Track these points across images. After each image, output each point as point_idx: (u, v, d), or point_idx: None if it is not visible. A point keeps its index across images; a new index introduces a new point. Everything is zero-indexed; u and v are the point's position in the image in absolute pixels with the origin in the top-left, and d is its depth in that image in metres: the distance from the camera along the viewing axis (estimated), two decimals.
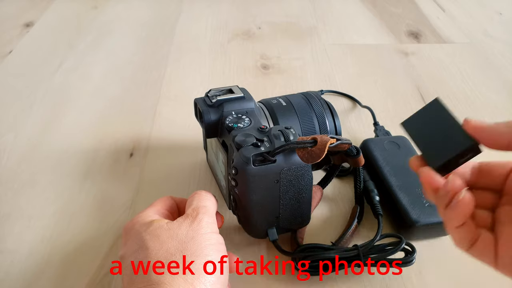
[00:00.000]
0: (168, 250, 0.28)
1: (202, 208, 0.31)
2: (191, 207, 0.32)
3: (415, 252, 0.34)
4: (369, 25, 0.76)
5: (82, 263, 0.37)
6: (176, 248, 0.28)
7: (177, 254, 0.27)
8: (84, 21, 0.77)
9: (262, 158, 0.31)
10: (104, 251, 0.38)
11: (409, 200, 0.37)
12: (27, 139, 0.51)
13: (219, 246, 0.30)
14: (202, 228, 0.29)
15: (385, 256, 0.33)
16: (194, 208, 0.31)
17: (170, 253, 0.27)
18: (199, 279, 0.27)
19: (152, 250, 0.28)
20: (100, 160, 0.47)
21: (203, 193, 0.33)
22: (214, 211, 0.33)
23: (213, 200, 0.34)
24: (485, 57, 0.66)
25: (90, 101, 0.57)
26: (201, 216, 0.30)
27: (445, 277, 0.35)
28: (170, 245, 0.28)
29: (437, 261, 0.37)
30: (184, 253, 0.27)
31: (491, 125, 0.24)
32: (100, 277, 0.36)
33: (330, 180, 0.40)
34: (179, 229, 0.29)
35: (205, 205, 0.32)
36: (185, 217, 0.31)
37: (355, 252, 0.33)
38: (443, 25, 0.76)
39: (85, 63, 0.65)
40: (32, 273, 0.36)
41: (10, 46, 0.69)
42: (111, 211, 0.41)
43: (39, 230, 0.40)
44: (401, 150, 0.43)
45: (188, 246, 0.28)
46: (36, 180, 0.45)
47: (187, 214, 0.31)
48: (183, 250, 0.28)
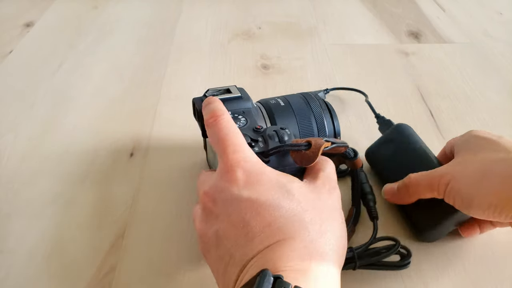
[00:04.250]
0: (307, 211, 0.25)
1: (334, 181, 0.30)
2: (325, 173, 0.30)
3: (410, 255, 0.34)
4: (369, 25, 0.76)
5: (82, 263, 0.37)
6: (314, 215, 0.25)
7: (314, 218, 0.25)
8: (84, 21, 0.77)
9: None
10: (104, 251, 0.38)
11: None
12: (27, 139, 0.51)
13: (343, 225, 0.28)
14: (338, 203, 0.28)
15: (380, 259, 0.33)
16: (330, 177, 0.30)
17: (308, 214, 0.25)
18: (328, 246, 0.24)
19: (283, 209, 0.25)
20: (100, 160, 0.47)
21: (330, 162, 0.31)
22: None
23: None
24: (485, 57, 0.66)
25: (90, 101, 0.57)
26: (338, 189, 0.29)
27: (445, 277, 0.35)
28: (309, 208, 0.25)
29: (437, 261, 0.37)
30: (320, 223, 0.25)
31: (386, 189, 0.38)
32: (100, 277, 0.36)
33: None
34: (320, 195, 0.27)
35: (335, 178, 0.30)
36: (322, 184, 0.28)
37: (350, 255, 0.33)
38: (443, 25, 0.75)
39: (85, 63, 0.65)
40: (32, 273, 0.36)
41: (10, 46, 0.69)
42: (111, 211, 0.41)
43: (39, 230, 0.40)
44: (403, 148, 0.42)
45: (324, 216, 0.25)
46: (36, 180, 0.45)
47: (324, 182, 0.29)
48: (320, 217, 0.25)
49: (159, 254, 0.37)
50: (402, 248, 0.34)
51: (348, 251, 0.32)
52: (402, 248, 0.34)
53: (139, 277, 0.36)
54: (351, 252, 0.33)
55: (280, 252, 0.22)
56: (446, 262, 0.36)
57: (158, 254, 0.37)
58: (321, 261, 0.23)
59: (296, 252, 0.22)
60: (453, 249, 0.37)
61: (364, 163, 0.43)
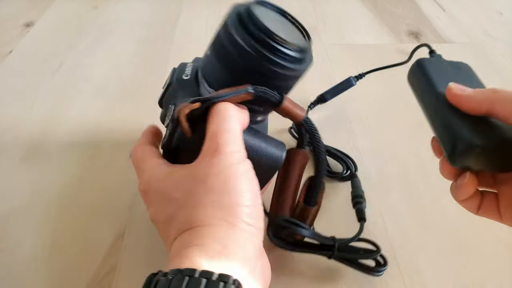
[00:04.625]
0: (196, 198, 0.25)
1: (223, 135, 0.26)
2: (209, 134, 0.26)
3: (386, 265, 0.34)
4: (369, 25, 0.76)
5: (82, 263, 0.37)
6: (203, 193, 0.24)
7: (204, 199, 0.24)
8: (84, 21, 0.77)
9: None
10: (104, 251, 0.38)
11: (464, 123, 0.28)
12: (27, 139, 0.51)
13: (247, 175, 0.26)
14: (223, 164, 0.25)
15: (357, 258, 0.34)
16: (213, 136, 0.26)
17: (198, 200, 0.24)
18: (238, 217, 0.24)
19: (179, 203, 0.25)
20: (100, 159, 0.47)
21: (221, 108, 0.27)
22: (239, 128, 0.27)
23: (235, 111, 0.27)
24: (485, 57, 0.66)
25: (90, 101, 0.57)
26: (221, 147, 0.25)
27: (445, 277, 0.35)
28: (196, 192, 0.25)
29: (438, 261, 0.37)
30: (213, 198, 0.24)
31: (469, 93, 0.27)
32: (100, 277, 0.36)
33: (303, 138, 0.35)
34: (198, 170, 0.25)
35: (227, 128, 0.26)
36: (203, 155, 0.26)
37: (330, 242, 0.33)
38: (444, 25, 0.75)
39: (85, 63, 0.65)
40: (33, 273, 0.36)
41: (10, 46, 0.69)
42: (111, 211, 0.41)
43: (39, 230, 0.40)
44: (462, 75, 0.34)
45: (215, 188, 0.24)
46: (36, 180, 0.45)
47: (205, 149, 0.26)
48: (210, 194, 0.24)
49: (159, 254, 0.37)
50: (381, 256, 0.34)
51: (330, 239, 0.33)
52: (380, 257, 0.34)
53: (139, 277, 0.36)
54: (333, 241, 0.33)
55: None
56: (448, 260, 0.36)
57: (158, 254, 0.37)
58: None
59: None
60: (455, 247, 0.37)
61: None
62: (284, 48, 0.28)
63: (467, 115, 0.27)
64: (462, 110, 0.27)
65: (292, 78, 0.31)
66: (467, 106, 0.27)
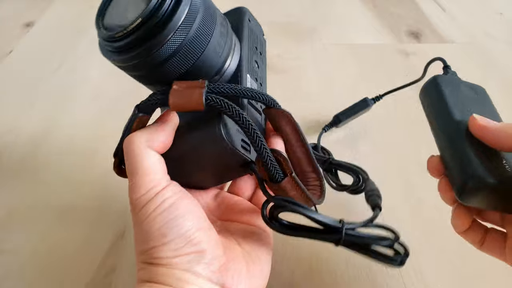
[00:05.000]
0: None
1: (130, 181, 0.25)
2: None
3: (407, 255, 0.28)
4: (370, 25, 0.76)
5: (82, 263, 0.37)
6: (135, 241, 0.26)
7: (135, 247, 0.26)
8: (84, 21, 0.77)
9: None
10: (104, 251, 0.38)
11: (477, 155, 0.27)
12: (27, 139, 0.51)
13: (159, 210, 0.24)
14: (134, 213, 0.25)
15: (370, 243, 0.28)
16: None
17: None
18: (157, 257, 0.25)
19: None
20: (100, 160, 0.47)
21: (124, 148, 0.26)
22: (145, 156, 0.25)
23: (133, 143, 0.25)
24: (486, 57, 0.66)
25: (90, 101, 0.57)
26: (130, 196, 0.25)
27: (445, 278, 0.35)
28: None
29: (438, 261, 0.37)
30: (137, 248, 0.26)
31: (497, 126, 0.26)
32: (100, 277, 0.36)
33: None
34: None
35: (130, 170, 0.25)
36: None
37: (337, 225, 0.27)
38: (444, 25, 0.75)
39: (85, 63, 0.65)
40: (33, 273, 0.36)
41: (10, 46, 0.69)
42: (111, 211, 0.41)
43: (39, 231, 0.40)
44: (479, 98, 0.32)
45: (136, 237, 0.25)
46: (36, 180, 0.45)
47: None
48: (136, 243, 0.26)
49: None
50: (400, 244, 0.28)
51: (337, 221, 0.27)
52: (399, 244, 0.28)
53: None
54: (341, 224, 0.27)
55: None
56: (448, 260, 0.36)
57: None
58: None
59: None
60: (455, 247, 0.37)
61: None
62: (113, 42, 0.24)
63: (483, 150, 0.26)
64: (486, 143, 0.26)
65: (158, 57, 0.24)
66: (492, 139, 0.26)
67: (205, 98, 0.23)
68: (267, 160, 0.25)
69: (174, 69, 0.24)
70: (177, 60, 0.24)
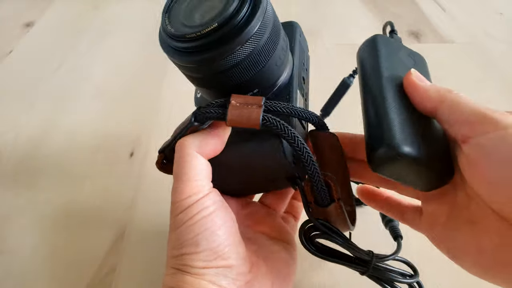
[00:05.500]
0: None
1: (175, 184, 0.25)
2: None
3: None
4: (370, 25, 0.76)
5: (82, 264, 0.37)
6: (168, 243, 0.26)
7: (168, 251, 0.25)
8: (84, 21, 0.77)
9: None
10: (104, 251, 0.38)
11: (402, 122, 0.24)
12: (27, 139, 0.51)
13: (197, 217, 0.24)
14: (172, 216, 0.25)
15: (393, 280, 0.29)
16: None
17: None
18: (187, 265, 0.24)
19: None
20: (100, 160, 0.47)
21: (176, 150, 0.25)
22: (194, 162, 0.25)
23: (186, 147, 0.25)
24: (486, 57, 0.66)
25: (90, 101, 0.57)
26: (172, 198, 0.25)
27: (445, 278, 0.35)
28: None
29: (438, 262, 0.37)
30: (169, 252, 0.25)
31: (426, 86, 0.25)
32: (100, 277, 0.36)
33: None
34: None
35: (178, 172, 0.25)
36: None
37: (367, 257, 0.29)
38: (444, 25, 0.75)
39: (85, 63, 0.65)
40: (33, 273, 0.36)
41: (10, 46, 0.69)
42: (111, 211, 0.41)
43: (39, 231, 0.40)
44: (415, 66, 0.30)
45: (170, 240, 0.25)
46: (36, 180, 0.45)
47: None
48: (168, 246, 0.25)
49: (159, 254, 0.37)
50: (418, 284, 0.30)
51: (367, 253, 0.29)
52: (417, 284, 0.30)
53: (139, 277, 0.36)
54: (370, 257, 0.29)
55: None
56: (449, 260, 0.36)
57: (158, 254, 0.37)
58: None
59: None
60: None
61: None
62: (181, 42, 0.24)
63: (408, 115, 0.24)
64: (412, 101, 0.25)
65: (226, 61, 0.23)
66: (418, 98, 0.25)
67: (261, 118, 0.23)
68: (318, 184, 0.25)
69: (236, 77, 0.24)
70: (241, 69, 0.24)
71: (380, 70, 0.27)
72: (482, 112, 0.22)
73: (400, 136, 0.23)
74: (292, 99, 0.27)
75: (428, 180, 0.24)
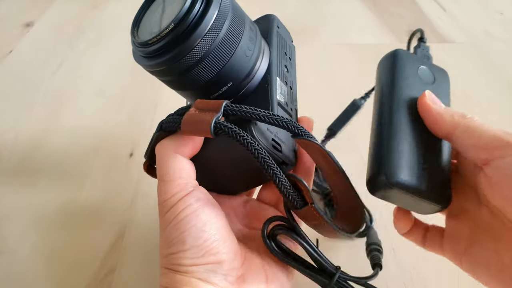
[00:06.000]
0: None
1: (159, 185, 0.25)
2: None
3: None
4: (370, 24, 0.76)
5: (82, 263, 0.37)
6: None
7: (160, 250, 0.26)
8: (84, 21, 0.77)
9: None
10: (104, 251, 0.38)
11: (404, 149, 0.24)
12: (27, 139, 0.51)
13: (182, 215, 0.24)
14: (160, 216, 0.26)
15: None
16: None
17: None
18: (175, 263, 0.25)
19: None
20: (100, 160, 0.47)
21: (156, 152, 0.26)
22: (174, 163, 0.25)
23: (164, 149, 0.25)
24: (486, 57, 0.66)
25: (90, 101, 0.57)
26: (158, 198, 0.25)
27: (445, 278, 0.35)
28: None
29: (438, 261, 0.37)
30: (160, 251, 0.26)
31: (440, 109, 0.25)
32: (100, 277, 0.36)
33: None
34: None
35: (160, 173, 0.25)
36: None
37: (332, 270, 0.27)
38: (444, 25, 0.75)
39: (85, 63, 0.65)
40: (33, 273, 0.36)
41: (10, 46, 0.69)
42: (111, 211, 0.41)
43: (39, 231, 0.40)
44: (435, 86, 0.29)
45: (161, 238, 0.26)
46: (36, 180, 0.45)
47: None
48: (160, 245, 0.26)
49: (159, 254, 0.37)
50: None
51: (334, 266, 0.27)
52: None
53: (139, 277, 0.36)
54: (335, 270, 0.27)
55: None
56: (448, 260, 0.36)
57: (158, 254, 0.37)
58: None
59: None
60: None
61: None
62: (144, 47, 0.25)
63: (416, 139, 0.24)
64: (426, 123, 0.25)
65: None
66: (432, 121, 0.25)
67: (214, 127, 0.23)
68: (281, 187, 0.24)
69: (204, 73, 0.24)
70: (206, 64, 0.24)
71: (395, 89, 0.26)
72: (499, 136, 0.23)
73: (399, 165, 0.23)
74: (271, 87, 0.27)
75: (424, 208, 0.25)
